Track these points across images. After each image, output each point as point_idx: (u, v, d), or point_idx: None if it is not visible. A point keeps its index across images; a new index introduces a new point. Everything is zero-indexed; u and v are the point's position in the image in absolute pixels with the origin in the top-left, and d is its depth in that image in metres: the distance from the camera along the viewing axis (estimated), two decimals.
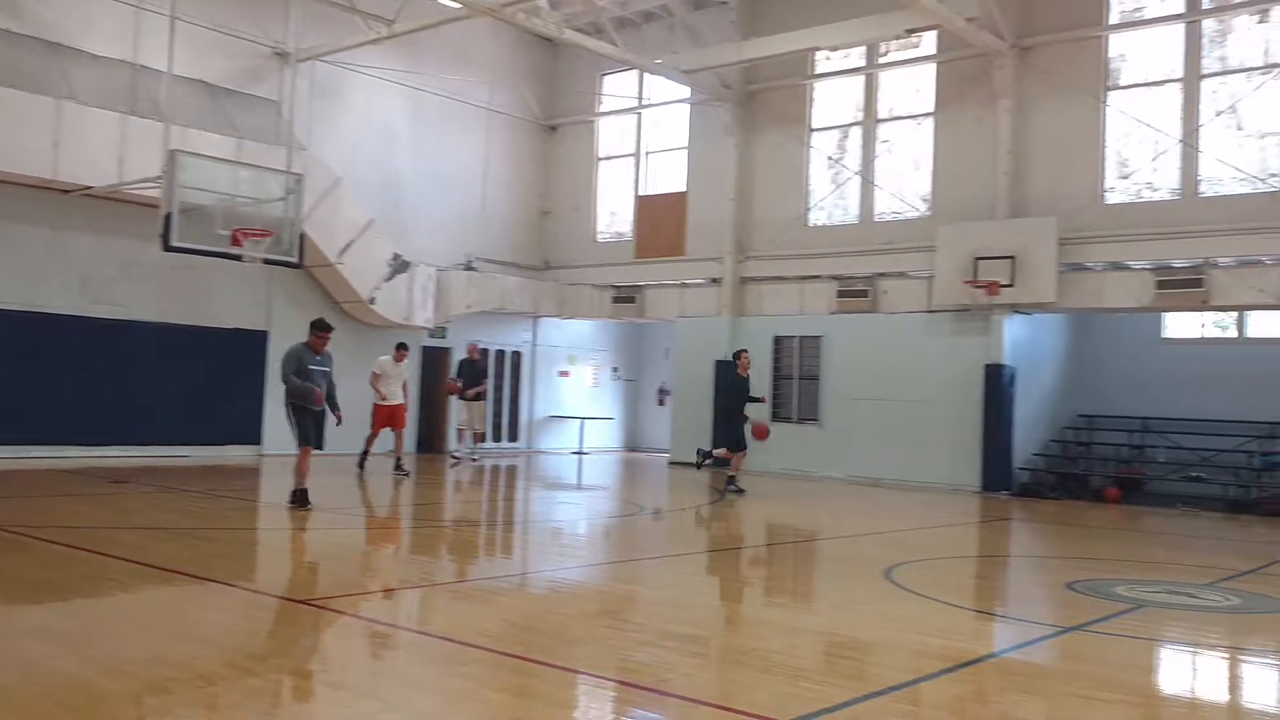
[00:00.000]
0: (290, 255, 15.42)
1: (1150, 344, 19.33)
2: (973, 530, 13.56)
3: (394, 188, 21.33)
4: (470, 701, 5.00)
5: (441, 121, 22.15)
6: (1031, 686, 5.70)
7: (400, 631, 6.56)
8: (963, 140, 18.64)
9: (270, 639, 6.18)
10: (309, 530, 10.52)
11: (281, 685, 5.18)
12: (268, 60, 19.27)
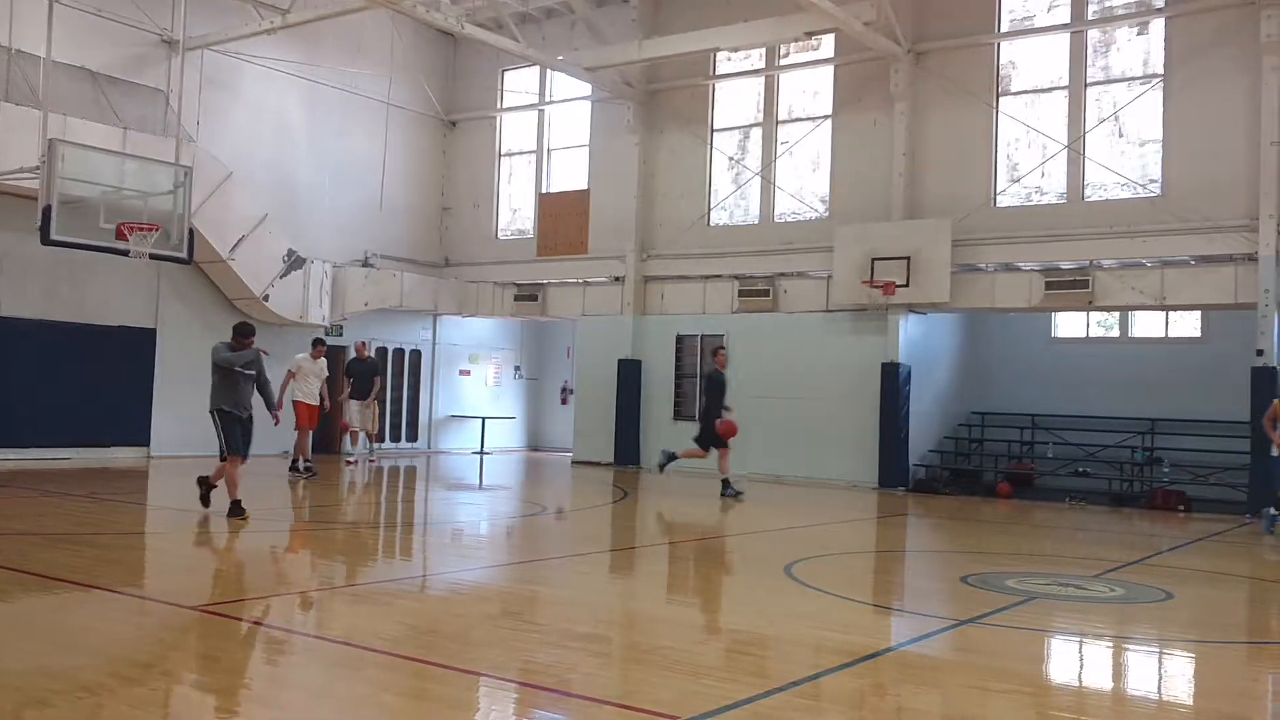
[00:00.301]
0: (179, 251, 14.94)
1: (1040, 343, 19.95)
2: (870, 526, 13.81)
3: (289, 182, 20.82)
4: (368, 707, 4.89)
5: (339, 115, 21.71)
6: (928, 679, 5.81)
7: (296, 637, 6.39)
8: (860, 142, 18.97)
9: (158, 647, 5.95)
10: (203, 535, 10.19)
11: (171, 695, 4.99)
12: (154, 48, 18.62)
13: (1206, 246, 15.91)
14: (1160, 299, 16.49)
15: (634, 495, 16.27)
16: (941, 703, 5.33)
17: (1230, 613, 8.65)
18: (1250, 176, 15.54)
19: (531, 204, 23.25)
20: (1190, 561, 10.94)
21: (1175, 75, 16.35)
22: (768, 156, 20.17)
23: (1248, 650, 7.08)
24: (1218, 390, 16.91)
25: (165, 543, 10.01)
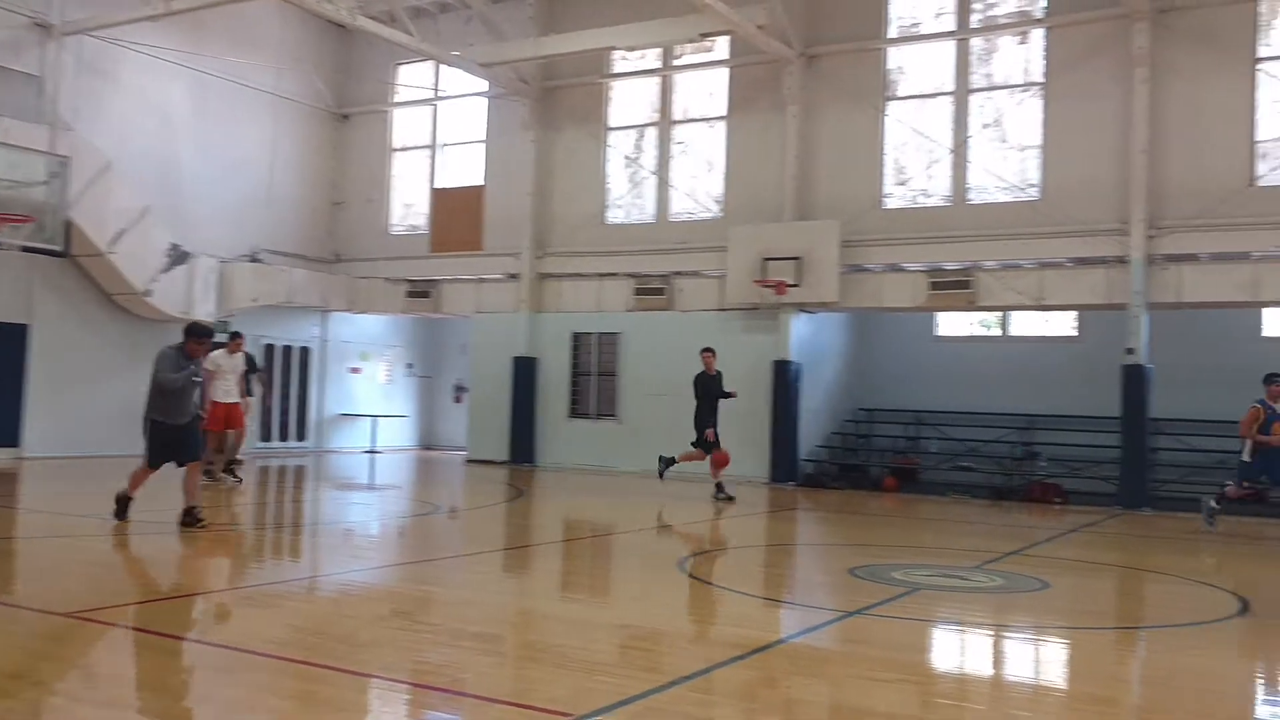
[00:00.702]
0: (54, 243, 14.39)
1: (924, 341, 20.51)
2: (761, 520, 14.02)
3: (173, 174, 20.16)
4: (251, 711, 4.78)
5: (226, 106, 21.09)
6: (817, 670, 5.93)
7: (176, 642, 6.20)
8: (754, 144, 19.23)
9: (28, 657, 5.71)
10: (80, 538, 9.81)
11: (41, 706, 4.80)
12: (27, 31, 17.82)
13: (1082, 249, 16.57)
14: (1038, 299, 17.11)
15: (529, 494, 16.21)
16: (830, 693, 5.45)
17: (1102, 600, 9.04)
18: (1122, 182, 16.23)
19: (425, 200, 22.97)
20: (1065, 552, 11.38)
21: (1054, 84, 16.98)
22: (663, 156, 20.30)
23: (1117, 635, 7.40)
24: (1092, 387, 17.61)
25: (37, 548, 9.61)
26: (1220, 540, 13.19)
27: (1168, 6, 16.07)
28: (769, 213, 18.79)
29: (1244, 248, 15.57)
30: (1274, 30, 15.76)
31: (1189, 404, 17.06)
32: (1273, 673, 6.48)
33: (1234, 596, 8.44)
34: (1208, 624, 7.47)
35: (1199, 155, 15.85)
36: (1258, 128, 15.65)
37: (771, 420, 18.53)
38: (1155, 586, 9.61)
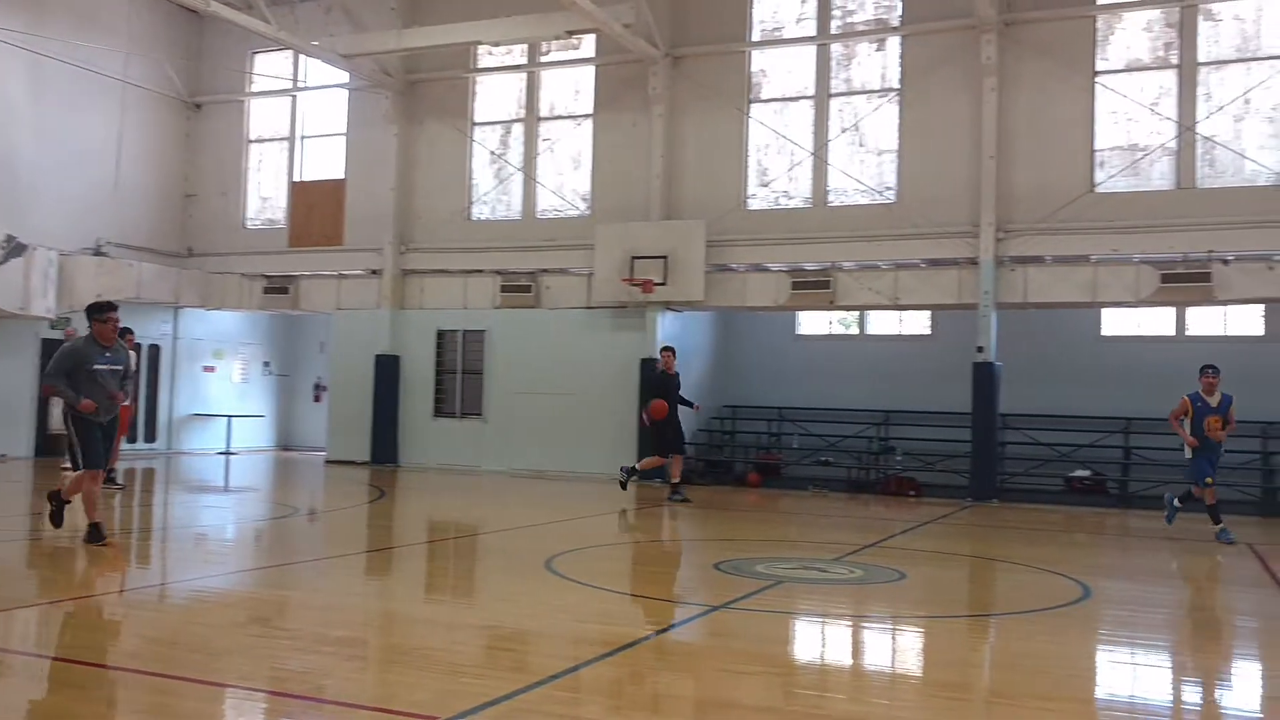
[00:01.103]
0: None
1: (786, 340, 20.93)
2: (629, 517, 14.07)
3: (8, 162, 19.06)
4: None
5: (68, 92, 20.04)
6: (683, 665, 5.98)
7: (14, 656, 5.85)
8: (620, 142, 19.30)
9: None
10: None
11: None
12: None
13: (935, 251, 17.17)
14: (894, 299, 17.66)
15: (392, 495, 15.91)
16: (696, 687, 5.51)
17: (955, 589, 9.38)
18: (973, 187, 16.88)
19: (283, 193, 22.30)
20: (920, 543, 11.77)
21: (909, 90, 17.54)
22: (530, 152, 20.19)
23: (969, 623, 7.69)
24: (944, 383, 18.26)
25: None
26: (1061, 530, 13.87)
27: (1014, 20, 16.79)
28: (636, 211, 18.89)
29: (1084, 251, 16.38)
30: (1111, 45, 16.63)
31: (1034, 399, 17.88)
32: (1112, 654, 6.83)
33: (1077, 583, 8.87)
34: (1053, 610, 7.83)
35: (1043, 162, 16.60)
36: (1096, 137, 16.48)
37: (639, 418, 18.61)
38: (1004, 575, 10.02)
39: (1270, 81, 15.57)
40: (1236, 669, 6.60)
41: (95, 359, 9.18)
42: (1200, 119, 15.89)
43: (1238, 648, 7.20)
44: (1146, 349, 18.22)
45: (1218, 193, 15.77)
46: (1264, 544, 12.37)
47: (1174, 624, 7.90)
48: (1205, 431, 12.04)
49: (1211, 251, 15.66)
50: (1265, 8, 15.81)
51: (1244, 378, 17.39)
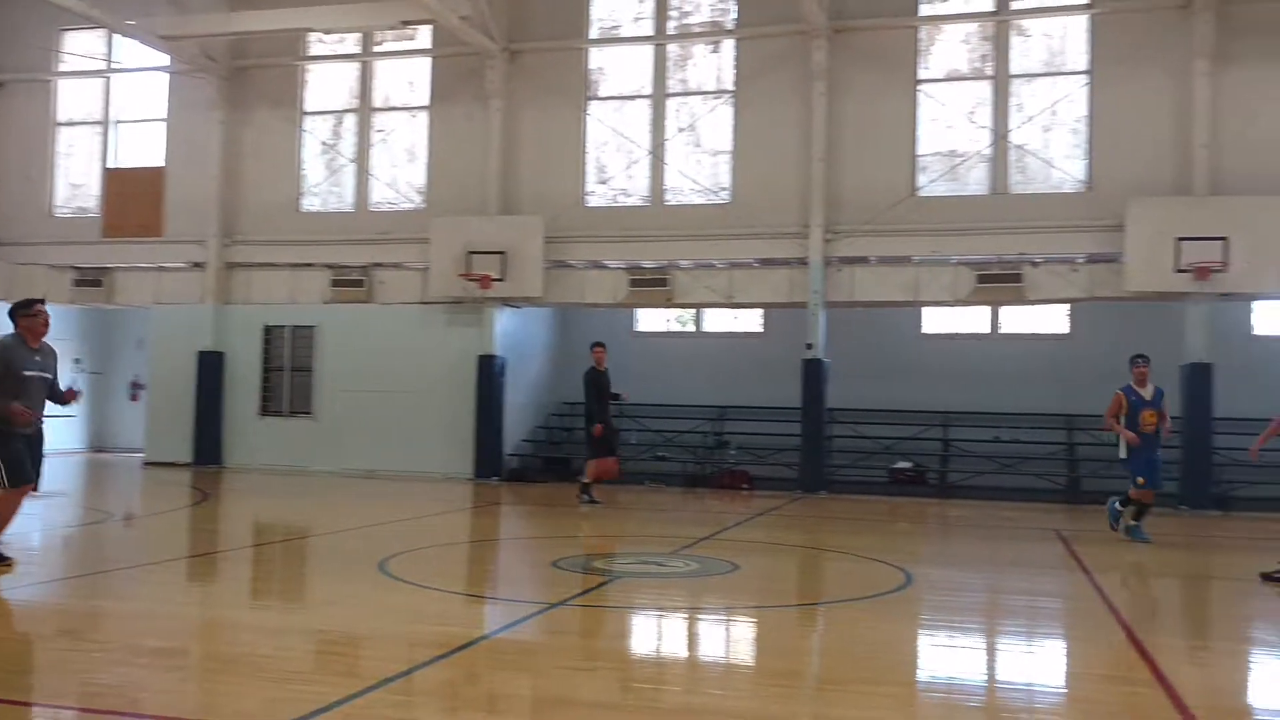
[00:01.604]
0: None
1: (624, 336, 21.05)
2: (465, 517, 13.92)
3: None
4: None
5: None
6: (520, 664, 5.95)
7: None
8: (456, 135, 19.04)
9: None
10: None
11: None
12: None
13: (768, 250, 17.60)
14: (729, 297, 18.02)
15: (215, 496, 15.27)
16: (533, 685, 5.48)
17: (787, 579, 9.64)
18: (803, 189, 17.36)
19: (97, 180, 21.07)
20: (753, 535, 12.05)
21: (743, 92, 17.91)
22: (363, 144, 19.69)
23: (799, 612, 7.91)
24: (776, 379, 18.70)
25: None
26: (885, 520, 14.44)
27: (843, 27, 17.35)
28: (473, 206, 18.67)
29: (907, 252, 17.08)
30: (932, 55, 17.39)
31: (860, 394, 18.55)
32: (933, 638, 7.14)
33: (900, 570, 9.25)
34: (878, 597, 8.14)
35: (869, 166, 17.22)
36: (919, 143, 17.21)
37: (476, 416, 18.43)
38: (832, 564, 10.36)
39: (1075, 95, 16.58)
40: (1044, 647, 7.00)
41: (26, 362, 8.16)
42: (1013, 128, 16.78)
43: (1045, 627, 7.64)
44: (963, 346, 19.20)
45: (1028, 198, 16.70)
46: (1069, 530, 13.18)
47: (988, 607, 8.32)
48: (1140, 426, 11.34)
49: (1022, 254, 16.57)
50: (1070, 26, 16.83)
51: (1051, 374, 18.55)
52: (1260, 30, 15.76)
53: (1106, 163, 16.31)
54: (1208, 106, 15.67)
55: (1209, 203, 15.50)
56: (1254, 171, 15.58)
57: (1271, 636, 7.47)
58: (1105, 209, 15.99)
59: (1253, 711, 5.48)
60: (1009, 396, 18.34)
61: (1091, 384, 18.01)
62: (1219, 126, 15.71)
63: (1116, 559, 10.82)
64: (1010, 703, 5.51)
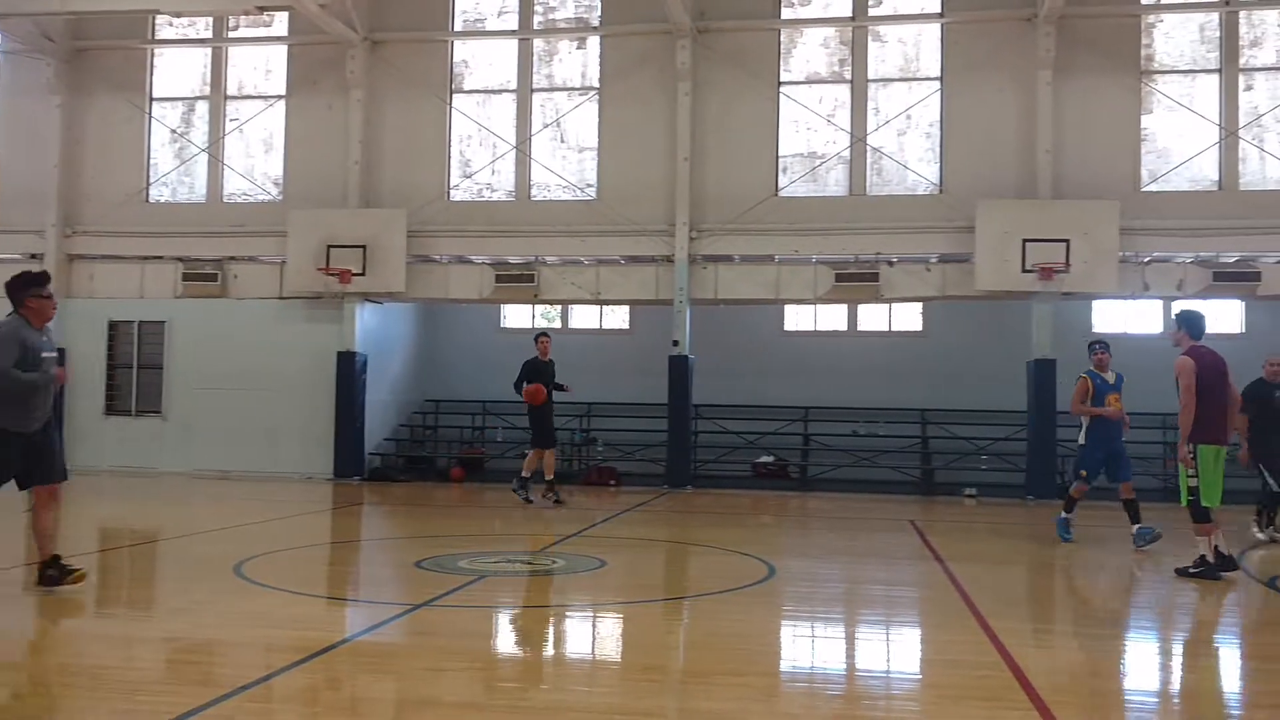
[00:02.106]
0: None
1: (490, 333, 20.90)
2: (325, 518, 13.58)
3: None
4: None
5: None
6: (383, 666, 5.82)
7: None
8: (316, 126, 18.53)
9: None
10: None
11: None
12: None
13: (634, 248, 17.69)
14: (596, 294, 18.05)
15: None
16: (396, 688, 5.37)
17: (653, 574, 9.70)
18: (668, 187, 17.51)
19: None
20: (621, 531, 12.10)
21: (608, 89, 17.95)
22: (215, 133, 18.99)
23: (665, 606, 7.97)
24: (642, 376, 18.82)
25: None
26: (749, 513, 14.69)
27: (707, 28, 17.56)
28: (333, 198, 18.21)
29: (769, 251, 17.41)
30: (794, 57, 17.75)
31: (724, 391, 18.83)
32: (795, 629, 7.29)
33: (763, 563, 9.41)
34: (742, 589, 8.26)
35: (733, 165, 17.48)
36: (781, 144, 17.55)
37: (336, 413, 17.99)
38: (697, 558, 10.48)
39: (929, 100, 17.16)
40: (900, 635, 7.22)
41: (39, 343, 7.23)
42: (870, 131, 17.27)
43: (901, 616, 7.89)
44: (823, 343, 19.71)
45: (884, 200, 17.22)
46: (923, 520, 13.65)
47: (847, 597, 8.55)
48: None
49: (879, 254, 17.08)
50: (924, 33, 17.42)
51: (906, 370, 19.17)
52: (1096, 44, 16.61)
53: (958, 166, 16.95)
54: (1050, 114, 16.45)
55: (1052, 206, 16.27)
56: (1092, 177, 16.43)
57: (1110, 619, 7.88)
58: (957, 211, 16.62)
59: (1092, 688, 5.77)
60: (866, 392, 18.90)
61: (945, 380, 18.80)
62: (1060, 134, 16.51)
63: (968, 549, 11.27)
64: (869, 690, 5.66)
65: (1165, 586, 8.83)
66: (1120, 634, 7.36)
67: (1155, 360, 17.64)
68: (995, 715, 5.01)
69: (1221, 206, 16.24)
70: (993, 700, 5.20)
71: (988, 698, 5.25)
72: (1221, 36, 16.54)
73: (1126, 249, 16.15)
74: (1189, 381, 8.71)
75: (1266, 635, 7.39)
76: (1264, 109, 16.39)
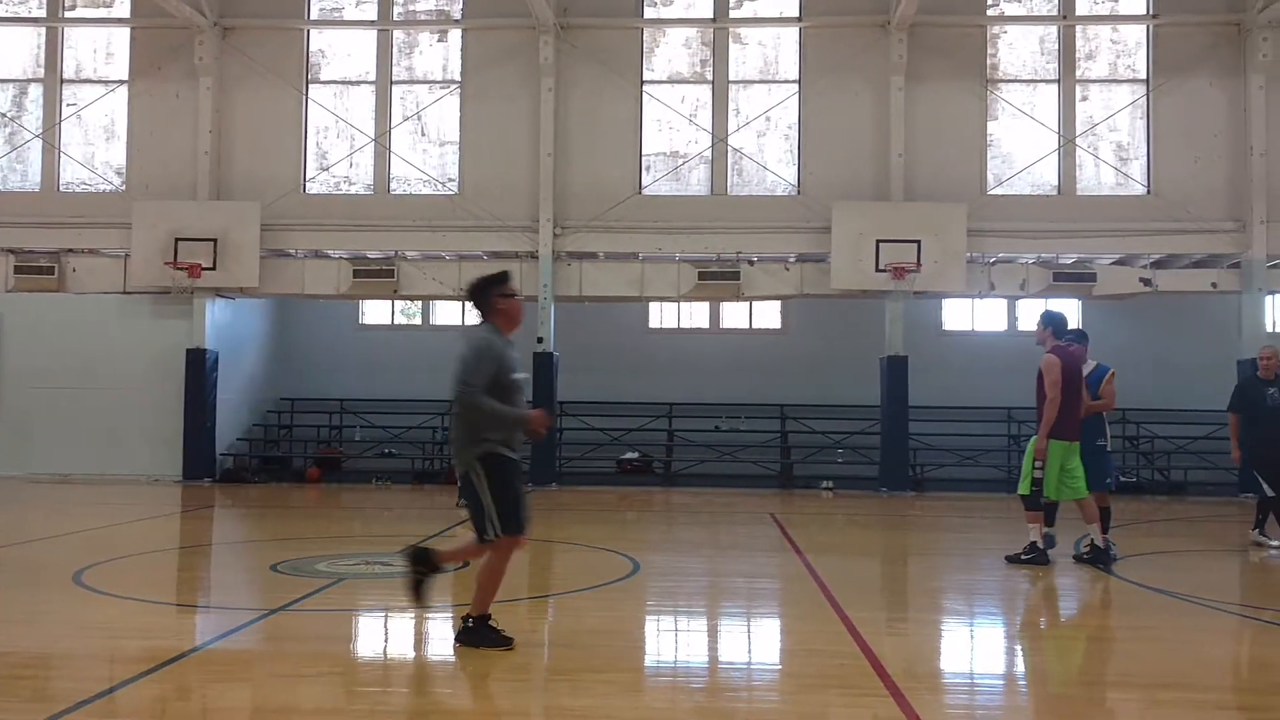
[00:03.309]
0: None
1: (348, 329, 20.41)
2: (174, 522, 13.03)
3: None
4: None
5: None
6: (237, 674, 5.62)
7: None
8: (163, 114, 17.76)
9: None
10: None
11: None
12: None
13: (497, 244, 17.55)
14: (458, 290, 17.79)
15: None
16: (252, 696, 5.20)
17: (515, 572, 9.57)
18: (532, 183, 17.41)
19: None
20: None
21: (471, 83, 17.74)
22: (51, 118, 18.00)
23: (530, 605, 7.92)
24: None
25: None
26: (614, 509, 14.75)
27: (569, 24, 17.52)
28: (182, 190, 17.50)
29: (633, 249, 17.50)
30: (656, 57, 17.88)
31: (589, 388, 18.84)
32: (659, 623, 7.35)
33: (628, 559, 9.46)
34: (607, 585, 8.28)
35: (597, 163, 17.50)
36: (644, 142, 17.66)
37: (185, 413, 17.29)
38: (563, 556, 10.45)
39: (787, 102, 17.53)
40: (761, 626, 7.36)
41: (513, 363, 6.04)
42: (731, 132, 17.53)
43: (762, 607, 8.04)
44: (686, 340, 19.93)
45: (745, 200, 17.51)
46: (783, 513, 13.94)
47: (710, 590, 8.66)
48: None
49: (740, 253, 17.37)
50: (783, 36, 17.77)
51: (766, 367, 19.56)
52: (945, 52, 17.25)
53: (815, 168, 17.35)
54: (902, 119, 17.00)
55: (904, 208, 16.82)
56: (941, 180, 17.06)
57: (958, 606, 8.19)
58: (814, 212, 17.02)
59: (942, 674, 5.99)
60: (729, 389, 19.20)
61: (803, 376, 19.24)
62: (912, 138, 17.08)
63: (826, 540, 11.57)
64: (731, 681, 5.75)
65: (1003, 573, 9.23)
66: (968, 619, 7.66)
67: (1001, 357, 18.53)
68: (853, 702, 5.15)
69: (1060, 210, 17.08)
70: (850, 688, 5.35)
71: (845, 685, 5.40)
72: (1060, 49, 17.39)
73: (974, 250, 16.83)
74: (1055, 378, 8.89)
75: (1102, 616, 7.80)
76: (1098, 118, 17.31)
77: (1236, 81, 16.89)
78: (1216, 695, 5.46)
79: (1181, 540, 12.22)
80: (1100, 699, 5.50)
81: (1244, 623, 7.40)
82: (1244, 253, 16.77)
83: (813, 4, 17.47)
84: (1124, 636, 7.00)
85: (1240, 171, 16.83)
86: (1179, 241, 16.94)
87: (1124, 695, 5.52)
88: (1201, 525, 13.56)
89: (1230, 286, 17.07)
